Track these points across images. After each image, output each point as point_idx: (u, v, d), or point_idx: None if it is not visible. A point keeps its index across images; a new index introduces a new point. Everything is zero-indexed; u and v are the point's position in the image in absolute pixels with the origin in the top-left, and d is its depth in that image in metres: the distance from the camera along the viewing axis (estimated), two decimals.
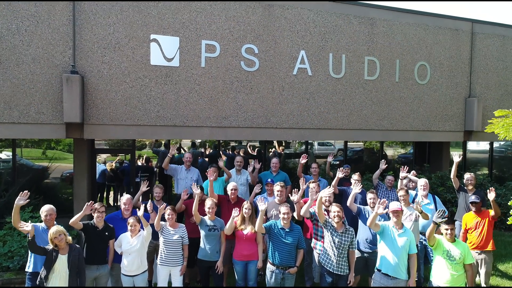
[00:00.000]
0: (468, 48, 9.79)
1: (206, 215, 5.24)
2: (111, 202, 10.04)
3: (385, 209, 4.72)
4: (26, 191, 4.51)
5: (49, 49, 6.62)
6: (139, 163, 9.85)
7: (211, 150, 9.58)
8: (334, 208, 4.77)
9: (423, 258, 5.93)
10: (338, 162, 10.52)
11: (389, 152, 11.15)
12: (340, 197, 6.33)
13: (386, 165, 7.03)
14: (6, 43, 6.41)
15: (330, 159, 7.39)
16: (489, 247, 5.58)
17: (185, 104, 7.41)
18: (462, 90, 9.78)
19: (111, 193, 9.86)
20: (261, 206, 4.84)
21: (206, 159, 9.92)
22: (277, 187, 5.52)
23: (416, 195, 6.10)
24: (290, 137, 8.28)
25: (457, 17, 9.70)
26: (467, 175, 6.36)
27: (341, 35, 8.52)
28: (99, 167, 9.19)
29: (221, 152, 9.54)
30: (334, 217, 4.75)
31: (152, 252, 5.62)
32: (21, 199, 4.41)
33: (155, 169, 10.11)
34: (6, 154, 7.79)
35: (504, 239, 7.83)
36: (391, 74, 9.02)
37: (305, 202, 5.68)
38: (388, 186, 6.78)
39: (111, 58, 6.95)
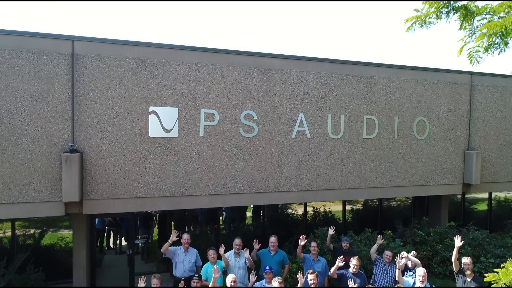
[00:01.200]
0: (467, 101, 9.80)
1: None
2: (111, 245, 10.10)
3: None
4: None
5: (48, 128, 6.63)
6: None
7: None
8: None
9: None
10: None
11: None
12: (338, 282, 6.34)
13: (383, 240, 7.05)
14: (5, 124, 6.41)
15: (331, 231, 7.40)
16: None
17: (184, 174, 7.42)
18: (461, 143, 9.79)
19: (111, 234, 9.92)
20: None
21: None
22: (275, 283, 5.51)
23: (414, 283, 6.11)
24: (288, 200, 8.30)
25: (456, 70, 9.70)
26: (464, 259, 6.35)
27: (340, 95, 8.52)
28: None
29: None
30: None
31: None
32: None
33: (155, 214, 10.17)
34: None
35: None
36: (390, 131, 9.03)
37: None
38: (387, 262, 6.79)
39: (110, 133, 6.96)
